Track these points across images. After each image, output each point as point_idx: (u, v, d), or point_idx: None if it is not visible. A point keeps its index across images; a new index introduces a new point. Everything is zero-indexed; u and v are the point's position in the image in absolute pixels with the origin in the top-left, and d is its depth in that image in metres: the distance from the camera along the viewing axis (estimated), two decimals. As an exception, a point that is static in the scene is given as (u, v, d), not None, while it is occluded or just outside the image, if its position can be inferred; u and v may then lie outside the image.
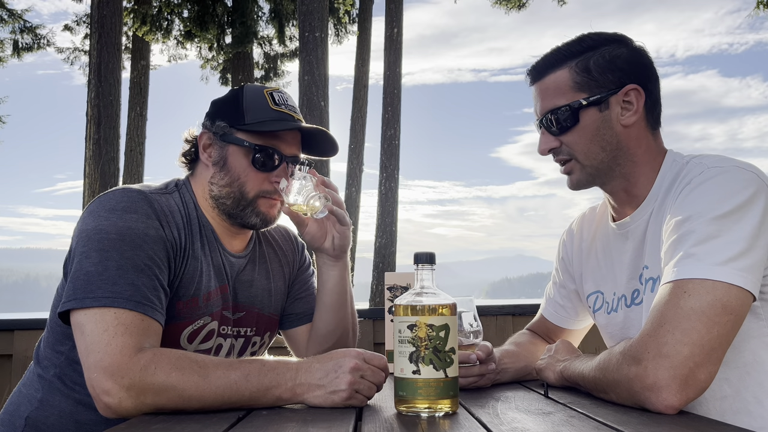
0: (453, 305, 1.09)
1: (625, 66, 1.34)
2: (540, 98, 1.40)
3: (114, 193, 1.32)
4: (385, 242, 12.64)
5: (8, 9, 14.30)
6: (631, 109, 1.34)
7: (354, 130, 14.49)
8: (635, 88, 1.33)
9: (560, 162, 1.41)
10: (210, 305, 1.41)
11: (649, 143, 1.38)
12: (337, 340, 1.60)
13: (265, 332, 1.60)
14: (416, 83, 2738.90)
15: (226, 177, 1.43)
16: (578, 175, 1.39)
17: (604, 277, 1.50)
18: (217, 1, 14.69)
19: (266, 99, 1.45)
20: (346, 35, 16.09)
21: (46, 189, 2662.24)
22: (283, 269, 1.66)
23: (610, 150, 1.35)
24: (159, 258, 1.28)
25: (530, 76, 1.43)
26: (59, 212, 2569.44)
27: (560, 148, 1.38)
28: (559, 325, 1.70)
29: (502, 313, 2.85)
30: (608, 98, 1.33)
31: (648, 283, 1.34)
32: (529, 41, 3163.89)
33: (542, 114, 1.38)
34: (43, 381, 1.40)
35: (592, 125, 1.34)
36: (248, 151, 1.43)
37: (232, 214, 1.44)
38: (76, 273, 1.23)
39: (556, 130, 1.36)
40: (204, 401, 1.13)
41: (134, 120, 13.42)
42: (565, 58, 1.36)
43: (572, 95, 1.34)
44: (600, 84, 1.33)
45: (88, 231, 1.26)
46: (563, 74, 1.36)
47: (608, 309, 1.48)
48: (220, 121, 1.44)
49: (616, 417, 1.03)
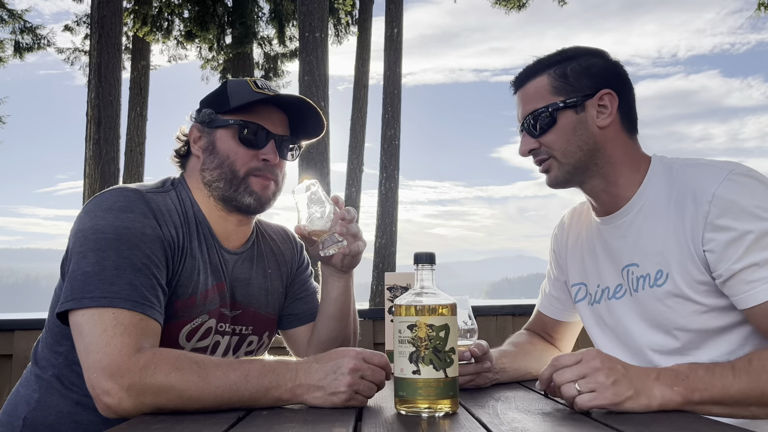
0: (453, 305, 1.09)
1: (600, 73, 1.44)
2: (521, 104, 1.49)
3: (110, 193, 1.32)
4: (385, 242, 12.63)
5: (8, 9, 14.30)
6: (605, 112, 1.42)
7: (354, 130, 14.49)
8: (609, 92, 1.42)
9: (539, 162, 1.48)
10: (207, 303, 1.41)
11: (627, 146, 1.45)
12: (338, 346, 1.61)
13: (263, 332, 1.59)
14: (418, 83, 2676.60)
15: (215, 159, 1.45)
16: (556, 173, 1.45)
17: (587, 270, 1.56)
18: (218, 2, 14.69)
19: (249, 85, 1.48)
20: (346, 35, 16.09)
21: (47, 189, 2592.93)
22: (281, 269, 1.65)
23: (587, 150, 1.42)
24: (156, 257, 1.28)
25: (513, 86, 1.53)
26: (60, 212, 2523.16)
27: (539, 149, 1.46)
28: (555, 317, 1.73)
29: (502, 313, 2.85)
30: (584, 102, 1.42)
31: (639, 280, 1.39)
32: (531, 41, 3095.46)
33: (523, 117, 1.47)
34: (40, 381, 1.40)
35: (569, 126, 1.42)
36: (234, 130, 1.45)
37: (227, 197, 1.44)
38: (74, 273, 1.23)
39: (536, 131, 1.45)
40: (203, 401, 1.13)
41: (134, 120, 13.42)
42: (544, 66, 1.46)
43: (550, 98, 1.43)
44: (576, 89, 1.42)
45: (84, 231, 1.26)
46: (542, 80, 1.45)
47: (591, 300, 1.55)
48: (207, 110, 1.48)
49: (616, 417, 1.03)
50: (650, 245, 1.38)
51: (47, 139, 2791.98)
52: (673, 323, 1.34)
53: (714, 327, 1.31)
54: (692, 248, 1.30)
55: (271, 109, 1.49)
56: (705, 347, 1.33)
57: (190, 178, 1.49)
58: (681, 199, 1.33)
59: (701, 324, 1.32)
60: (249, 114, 1.45)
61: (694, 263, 1.30)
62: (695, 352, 1.34)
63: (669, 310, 1.34)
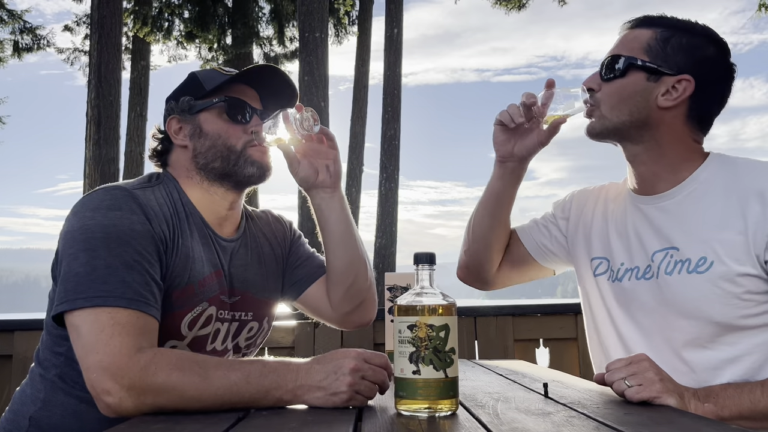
0: (453, 305, 1.09)
1: (699, 58, 1.39)
2: (617, 43, 1.45)
3: (96, 193, 1.32)
4: (385, 243, 12.63)
5: (8, 9, 14.30)
6: (674, 95, 1.37)
7: (354, 130, 14.48)
8: (688, 79, 1.37)
9: (587, 104, 1.44)
10: (206, 291, 1.41)
11: (684, 136, 1.42)
12: (355, 276, 1.60)
13: (263, 317, 1.59)
14: (419, 83, 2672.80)
15: (207, 141, 1.46)
16: (594, 123, 1.44)
17: (612, 247, 1.52)
18: (218, 2, 14.69)
19: (217, 71, 1.51)
20: (346, 35, 16.08)
21: (47, 189, 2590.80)
22: (275, 251, 1.66)
23: (636, 119, 1.39)
24: (148, 252, 1.28)
25: (623, 25, 1.48)
26: (60, 212, 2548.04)
27: (597, 92, 1.43)
28: (523, 242, 1.70)
29: (502, 313, 2.85)
30: (663, 75, 1.37)
31: (677, 264, 1.37)
32: (533, 41, 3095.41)
33: (609, 54, 1.43)
34: (45, 381, 1.40)
35: (632, 87, 1.39)
36: (220, 109, 1.47)
37: (227, 173, 1.45)
38: (66, 275, 1.22)
39: (606, 74, 1.42)
40: (204, 402, 1.13)
41: (134, 120, 13.41)
42: (658, 24, 1.41)
43: (637, 53, 1.39)
44: (665, 59, 1.38)
45: (73, 232, 1.26)
46: (645, 34, 1.41)
47: (612, 277, 1.51)
48: (185, 97, 1.49)
49: (616, 417, 1.03)
50: (697, 231, 1.36)
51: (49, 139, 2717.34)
52: (701, 311, 1.33)
53: (741, 324, 1.31)
54: (751, 242, 1.29)
55: (244, 87, 1.51)
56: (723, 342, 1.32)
57: (176, 171, 1.49)
58: (744, 196, 1.32)
59: (730, 318, 1.31)
60: (227, 92, 1.47)
61: (749, 257, 1.29)
62: (713, 345, 1.34)
63: (702, 297, 1.33)
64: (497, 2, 15.05)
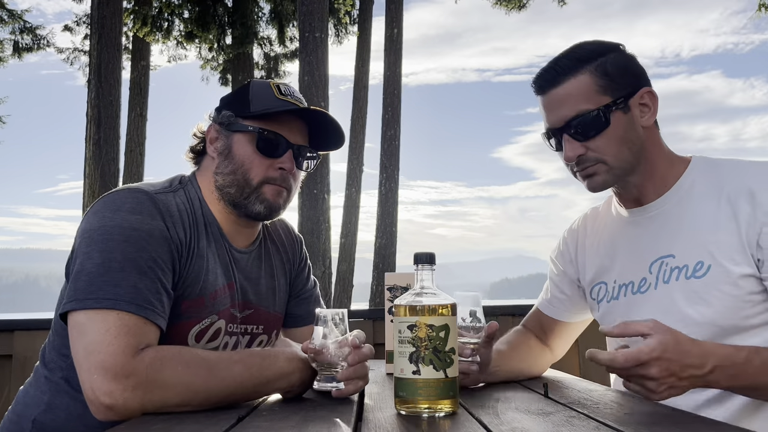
0: (453, 305, 1.09)
1: (636, 70, 1.39)
2: (558, 106, 1.37)
3: (118, 193, 1.31)
4: (385, 243, 12.64)
5: (8, 9, 14.30)
6: (648, 111, 1.38)
7: (354, 130, 14.49)
8: (649, 90, 1.38)
9: (583, 168, 1.38)
10: (217, 303, 1.40)
11: (661, 143, 1.43)
12: None
13: (272, 330, 1.60)
14: (420, 83, 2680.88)
15: (230, 165, 1.43)
16: (605, 177, 1.38)
17: (606, 267, 1.53)
18: (218, 2, 14.69)
19: (272, 90, 1.46)
20: (346, 36, 16.09)
21: (48, 189, 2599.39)
22: (285, 266, 1.66)
23: (635, 151, 1.38)
24: (162, 260, 1.27)
25: (539, 85, 1.40)
26: (61, 212, 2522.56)
27: (586, 154, 1.37)
28: (553, 316, 1.70)
29: (502, 313, 2.85)
30: (628, 101, 1.36)
31: (674, 272, 1.36)
32: (534, 41, 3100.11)
33: (565, 121, 1.36)
34: (50, 383, 1.39)
35: (620, 128, 1.35)
36: (252, 137, 1.43)
37: (237, 204, 1.43)
38: (78, 274, 1.22)
39: (583, 136, 1.35)
40: (210, 394, 1.14)
41: (134, 120, 13.41)
42: (581, 62, 1.35)
43: (598, 99, 1.34)
44: (620, 87, 1.35)
45: (91, 231, 1.25)
46: (585, 78, 1.35)
47: (608, 298, 1.51)
48: (226, 111, 1.46)
49: (616, 417, 1.03)
50: (691, 236, 1.36)
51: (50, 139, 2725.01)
52: (703, 316, 1.32)
53: (744, 325, 1.30)
54: (745, 242, 1.29)
55: (293, 117, 1.47)
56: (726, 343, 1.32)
57: (203, 179, 1.47)
58: (733, 197, 1.32)
59: (732, 320, 1.30)
60: (269, 120, 1.43)
61: (744, 257, 1.29)
62: None
63: (702, 302, 1.32)
64: (497, 2, 15.06)
